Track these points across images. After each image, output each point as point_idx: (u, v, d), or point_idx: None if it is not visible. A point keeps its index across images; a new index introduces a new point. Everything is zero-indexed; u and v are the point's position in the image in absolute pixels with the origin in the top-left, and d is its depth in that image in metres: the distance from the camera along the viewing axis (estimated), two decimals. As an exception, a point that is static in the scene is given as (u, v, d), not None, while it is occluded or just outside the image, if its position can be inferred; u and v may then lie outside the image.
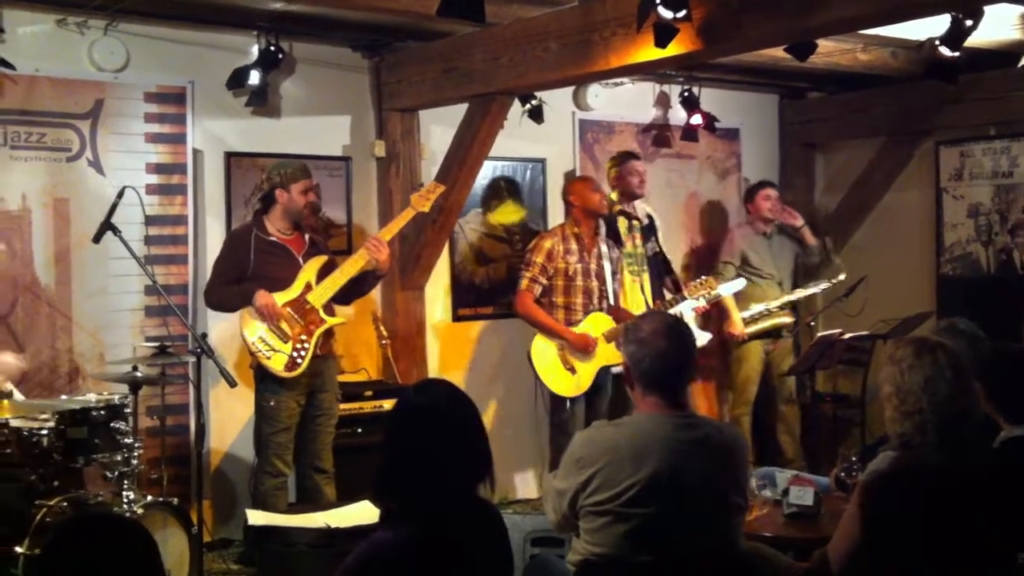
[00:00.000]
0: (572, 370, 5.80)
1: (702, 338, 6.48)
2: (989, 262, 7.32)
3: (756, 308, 6.76)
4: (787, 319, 6.91)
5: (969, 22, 5.08)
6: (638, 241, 6.48)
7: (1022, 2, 5.33)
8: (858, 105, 7.71)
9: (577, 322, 5.83)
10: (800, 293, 6.88)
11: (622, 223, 6.33)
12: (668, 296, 6.17)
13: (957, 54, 5.37)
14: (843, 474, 3.97)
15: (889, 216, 7.91)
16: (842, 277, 6.64)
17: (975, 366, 3.36)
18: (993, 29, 5.49)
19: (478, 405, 2.69)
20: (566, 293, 5.86)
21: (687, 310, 6.10)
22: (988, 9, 5.05)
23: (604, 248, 6.01)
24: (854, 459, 4.00)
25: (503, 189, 6.91)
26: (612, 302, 5.99)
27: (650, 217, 6.65)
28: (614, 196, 6.39)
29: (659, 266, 6.47)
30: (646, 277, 6.46)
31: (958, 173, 7.46)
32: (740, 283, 6.53)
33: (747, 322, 6.80)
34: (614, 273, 6.03)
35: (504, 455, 6.65)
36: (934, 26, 5.34)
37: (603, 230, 6.12)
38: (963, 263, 7.44)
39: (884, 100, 7.45)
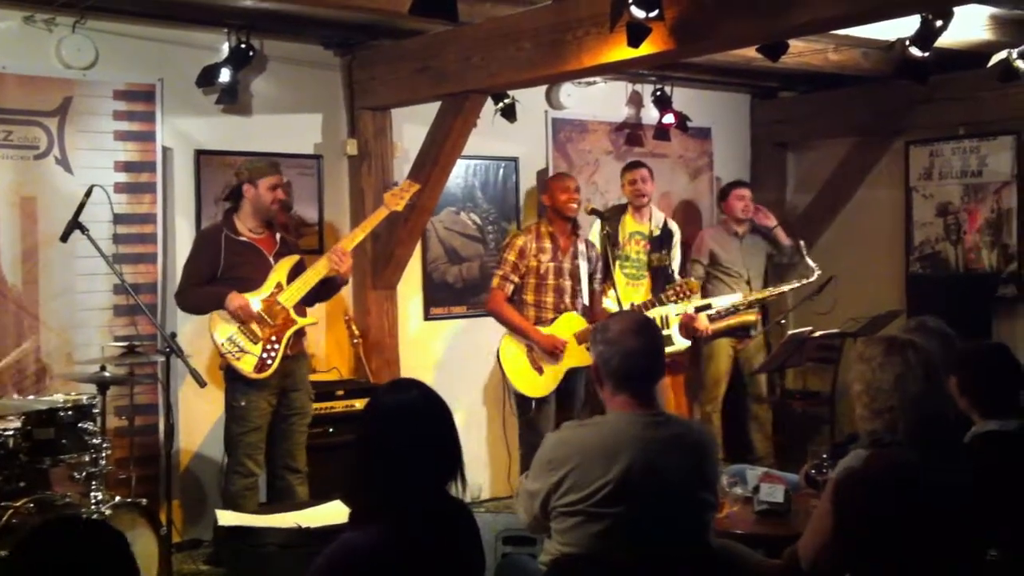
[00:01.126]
0: (539, 370, 5.72)
1: (681, 344, 6.52)
2: (958, 261, 7.38)
3: (720, 301, 6.77)
4: (752, 317, 6.94)
5: (939, 23, 5.11)
6: (640, 247, 6.51)
7: (991, 3, 5.38)
8: (829, 105, 7.76)
9: (548, 320, 5.76)
10: (768, 291, 6.91)
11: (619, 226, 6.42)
12: (643, 299, 6.17)
13: (927, 54, 5.40)
14: (813, 471, 3.99)
15: (859, 215, 7.97)
16: (813, 278, 6.68)
17: (948, 361, 3.39)
18: (963, 30, 5.53)
19: (450, 404, 2.68)
20: (537, 291, 5.79)
21: (672, 316, 6.14)
22: (958, 10, 5.08)
23: (581, 247, 5.90)
24: (824, 456, 4.01)
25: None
26: (587, 302, 5.89)
27: (667, 228, 6.68)
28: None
29: (662, 277, 6.48)
30: (644, 284, 6.49)
31: (928, 172, 7.52)
32: (736, 297, 6.72)
33: (712, 319, 6.82)
34: (592, 274, 5.93)
35: (475, 454, 6.65)
36: (905, 27, 5.37)
37: (594, 228, 6.12)
38: (932, 262, 7.51)
39: (855, 100, 7.51)
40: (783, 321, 7.10)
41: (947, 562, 2.80)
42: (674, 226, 6.82)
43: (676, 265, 6.72)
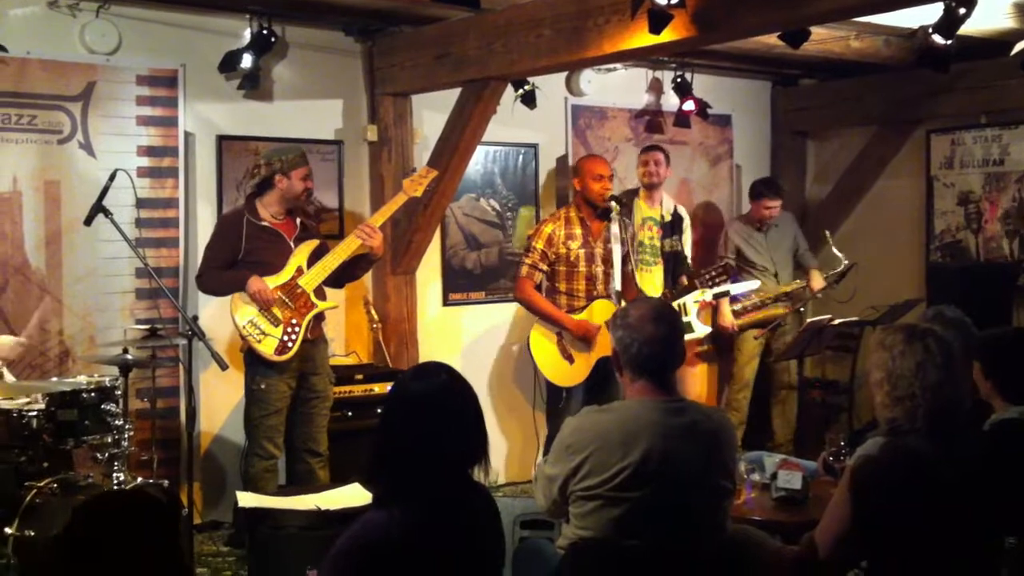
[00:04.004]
0: (570, 359, 5.64)
1: (701, 331, 6.49)
2: (978, 250, 7.35)
3: (739, 288, 6.72)
4: (782, 311, 6.91)
5: (962, 10, 5.07)
6: (653, 233, 6.46)
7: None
8: (850, 93, 7.72)
9: (580, 308, 5.67)
10: (796, 284, 6.91)
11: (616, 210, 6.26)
12: (676, 286, 6.12)
13: (950, 42, 5.37)
14: (831, 459, 4.00)
15: (880, 203, 7.93)
16: (841, 268, 6.69)
17: (966, 349, 3.39)
18: (985, 18, 5.49)
19: (467, 390, 2.70)
20: (568, 279, 5.69)
21: (690, 303, 6.09)
22: (981, -3, 5.06)
23: (615, 230, 5.71)
24: (842, 444, 4.03)
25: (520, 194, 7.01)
26: (619, 287, 5.72)
27: (676, 214, 6.63)
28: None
29: (674, 264, 6.44)
30: (658, 270, 6.44)
31: (949, 161, 7.48)
32: (754, 284, 6.62)
33: (739, 314, 6.81)
34: (625, 257, 5.75)
35: (493, 439, 6.65)
36: (927, 14, 5.35)
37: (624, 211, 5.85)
38: (953, 250, 7.47)
39: (876, 88, 7.46)
40: (802, 309, 7.10)
41: (964, 549, 2.81)
42: (683, 211, 6.75)
43: (688, 251, 6.64)
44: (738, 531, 3.30)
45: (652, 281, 6.34)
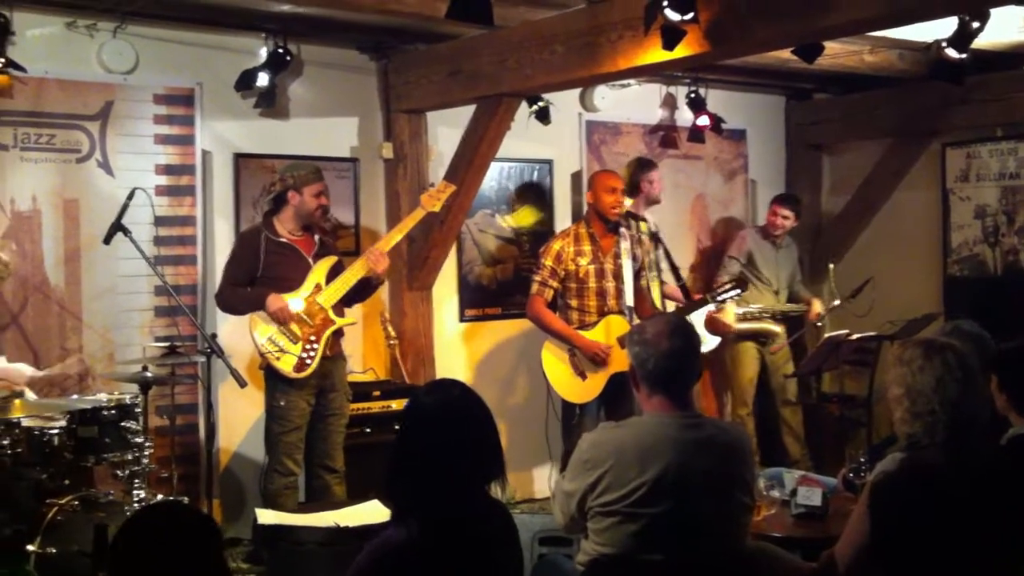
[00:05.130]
0: (583, 376, 5.60)
1: (711, 342, 6.47)
2: (996, 263, 7.32)
3: (754, 307, 6.78)
4: (774, 327, 6.90)
5: (976, 24, 5.08)
6: (649, 247, 6.41)
7: (1029, 4, 5.34)
8: (864, 106, 7.71)
9: (591, 324, 5.63)
10: (793, 308, 6.91)
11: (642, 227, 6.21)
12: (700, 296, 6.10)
13: (964, 56, 5.37)
14: (851, 475, 3.98)
15: (895, 217, 7.91)
16: (836, 303, 6.69)
17: (984, 363, 3.37)
18: (1000, 31, 5.49)
19: (485, 405, 2.71)
20: (579, 295, 5.66)
21: (694, 316, 6.06)
22: (994, 11, 5.05)
23: (625, 245, 5.68)
24: (862, 459, 4.00)
25: (523, 192, 6.98)
26: (631, 303, 5.65)
27: (656, 226, 6.60)
28: (628, 200, 6.33)
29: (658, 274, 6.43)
30: (657, 284, 6.39)
31: (964, 174, 7.46)
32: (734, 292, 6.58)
33: (739, 318, 6.76)
34: (638, 272, 5.73)
35: (510, 454, 6.64)
36: (941, 28, 5.35)
37: (635, 227, 5.84)
38: (970, 264, 7.45)
39: (890, 101, 7.45)
40: (820, 324, 7.08)
41: (982, 565, 2.79)
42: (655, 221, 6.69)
43: (665, 263, 6.34)
44: (757, 547, 3.30)
45: (656, 294, 6.28)
